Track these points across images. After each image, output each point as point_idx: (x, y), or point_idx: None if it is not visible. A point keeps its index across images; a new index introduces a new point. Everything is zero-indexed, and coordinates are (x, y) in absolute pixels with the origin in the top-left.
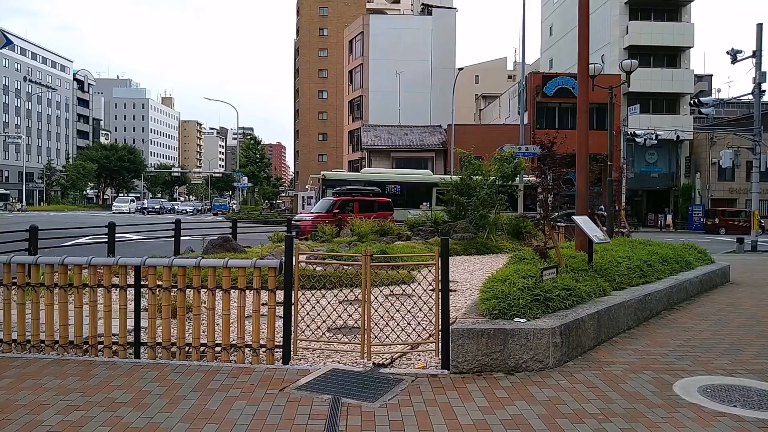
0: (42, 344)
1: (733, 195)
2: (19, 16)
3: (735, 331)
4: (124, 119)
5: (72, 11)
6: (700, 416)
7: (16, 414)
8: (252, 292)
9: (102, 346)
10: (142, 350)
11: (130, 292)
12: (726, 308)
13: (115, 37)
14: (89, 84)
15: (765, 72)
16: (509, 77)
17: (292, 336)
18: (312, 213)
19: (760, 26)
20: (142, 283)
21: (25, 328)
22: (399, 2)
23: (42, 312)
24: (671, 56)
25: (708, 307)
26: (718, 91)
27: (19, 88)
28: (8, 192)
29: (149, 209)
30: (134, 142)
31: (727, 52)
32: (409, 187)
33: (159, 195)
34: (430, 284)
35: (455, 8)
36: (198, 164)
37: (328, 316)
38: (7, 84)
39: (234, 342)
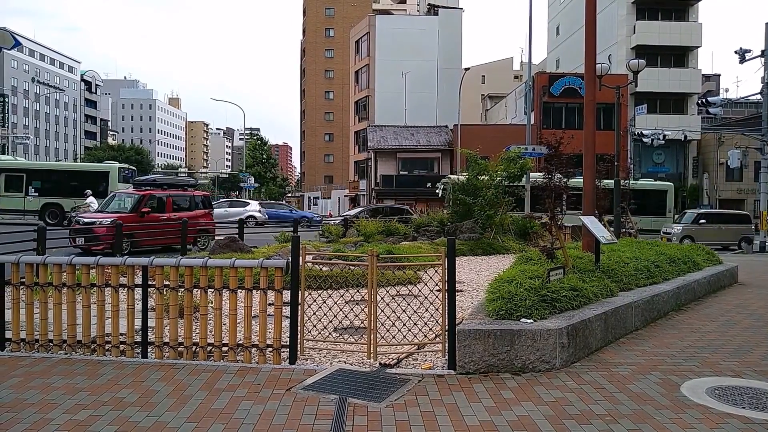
0: (50, 344)
1: (742, 196)
2: (22, 16)
3: (743, 332)
4: (132, 120)
5: (75, 12)
6: (707, 418)
7: (25, 413)
8: (259, 292)
9: (110, 345)
10: (149, 350)
11: (138, 291)
12: (734, 309)
13: (119, 38)
14: (97, 85)
15: None
16: (516, 77)
17: (299, 336)
18: (107, 212)
19: None
20: (150, 283)
21: (34, 328)
22: (405, 2)
23: (50, 311)
24: (679, 56)
25: (716, 308)
26: (726, 90)
27: (27, 89)
28: None
29: None
30: (141, 143)
31: (736, 52)
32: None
33: None
34: (437, 284)
35: (461, 8)
36: (205, 164)
37: (335, 316)
38: (15, 85)
39: (241, 342)
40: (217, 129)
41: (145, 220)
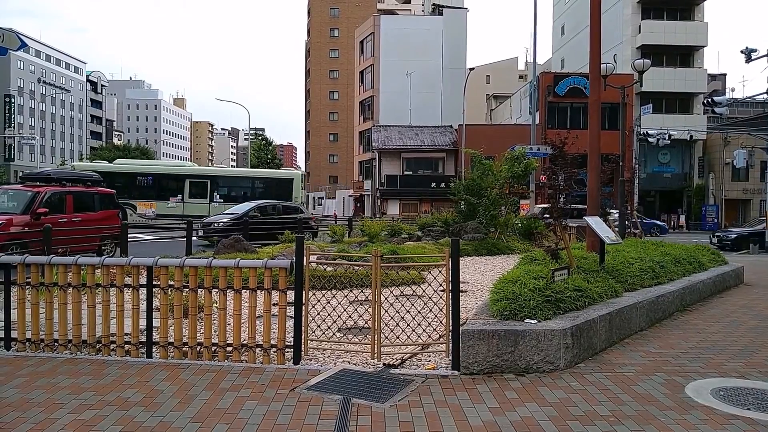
0: (55, 343)
1: (747, 195)
2: (28, 17)
3: (748, 333)
4: (137, 120)
5: (81, 13)
6: (712, 419)
7: (31, 412)
8: (263, 292)
9: (114, 345)
10: (154, 350)
11: (143, 292)
12: (739, 310)
13: (125, 39)
14: (102, 85)
15: None
16: (520, 77)
17: (303, 336)
18: None
19: None
20: (154, 283)
21: (39, 328)
22: (410, 2)
23: (55, 311)
24: (684, 55)
25: (721, 308)
26: (732, 90)
27: (33, 89)
28: None
29: None
30: (147, 143)
31: (741, 51)
32: None
33: None
34: (441, 285)
35: (466, 8)
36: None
37: (339, 316)
38: (21, 85)
39: (245, 342)
40: (222, 129)
41: (41, 223)
